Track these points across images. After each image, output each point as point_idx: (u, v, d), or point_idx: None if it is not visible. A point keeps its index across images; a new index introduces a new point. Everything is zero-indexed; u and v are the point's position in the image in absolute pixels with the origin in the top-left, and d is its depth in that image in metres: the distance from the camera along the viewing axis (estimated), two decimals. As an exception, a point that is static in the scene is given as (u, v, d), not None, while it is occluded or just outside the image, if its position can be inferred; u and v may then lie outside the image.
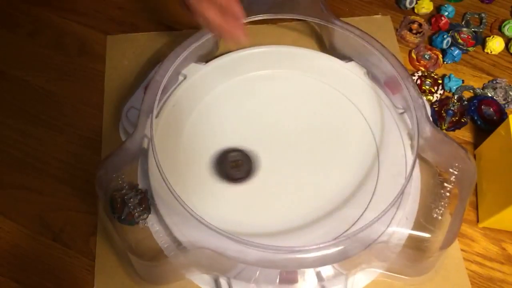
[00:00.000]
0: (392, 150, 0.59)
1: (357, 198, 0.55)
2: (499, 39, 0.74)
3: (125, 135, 0.63)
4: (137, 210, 0.52)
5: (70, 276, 0.57)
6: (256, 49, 0.67)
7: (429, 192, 0.55)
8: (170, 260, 0.51)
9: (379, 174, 0.57)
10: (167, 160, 0.56)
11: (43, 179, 0.63)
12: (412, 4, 0.79)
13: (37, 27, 0.76)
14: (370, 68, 0.65)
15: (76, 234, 0.59)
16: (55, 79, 0.71)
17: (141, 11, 0.78)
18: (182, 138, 0.59)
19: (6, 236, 0.59)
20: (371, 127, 0.61)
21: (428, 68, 0.72)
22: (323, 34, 0.73)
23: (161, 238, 0.53)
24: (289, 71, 0.66)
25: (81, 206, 0.61)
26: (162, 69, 0.58)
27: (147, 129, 0.57)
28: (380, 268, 0.55)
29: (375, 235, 0.51)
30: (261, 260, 0.48)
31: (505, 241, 0.60)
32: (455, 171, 0.54)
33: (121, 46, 0.74)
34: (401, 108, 0.62)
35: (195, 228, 0.49)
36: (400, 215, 0.53)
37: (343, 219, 0.53)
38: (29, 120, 0.67)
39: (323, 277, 0.52)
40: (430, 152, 0.57)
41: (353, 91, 0.64)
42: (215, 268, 0.53)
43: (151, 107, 0.56)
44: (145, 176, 0.56)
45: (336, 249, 0.48)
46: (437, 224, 0.52)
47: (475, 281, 0.57)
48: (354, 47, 0.64)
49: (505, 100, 0.70)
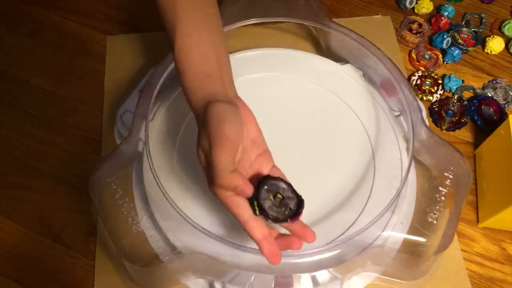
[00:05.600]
0: (388, 153, 0.58)
1: (352, 202, 0.55)
2: (499, 39, 0.74)
3: (120, 139, 0.63)
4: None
5: (70, 276, 0.57)
6: (252, 52, 0.67)
7: (424, 196, 0.55)
8: (165, 265, 0.51)
9: (375, 178, 0.56)
10: (162, 164, 0.56)
11: (43, 179, 0.63)
12: (412, 4, 0.79)
13: (37, 27, 0.76)
14: (367, 70, 0.65)
15: (76, 234, 0.59)
16: (55, 79, 0.71)
17: (141, 11, 0.78)
18: (177, 142, 0.59)
19: (6, 236, 0.59)
20: (366, 129, 0.60)
21: (428, 68, 0.72)
22: (319, 36, 0.73)
23: (156, 242, 0.52)
24: (284, 73, 0.65)
25: (81, 206, 0.61)
26: (157, 72, 0.58)
27: (142, 133, 0.56)
28: (376, 272, 0.55)
29: (370, 239, 0.51)
30: (256, 265, 0.48)
31: (505, 241, 0.60)
32: (450, 175, 0.54)
33: (121, 46, 0.74)
34: (397, 110, 0.62)
35: (190, 233, 0.48)
36: (395, 219, 0.53)
37: (338, 223, 0.53)
38: (29, 120, 0.67)
39: (318, 281, 0.52)
40: (426, 155, 0.57)
41: (349, 94, 0.63)
42: (210, 273, 0.53)
43: (146, 111, 0.55)
44: (140, 181, 0.56)
45: (331, 253, 0.48)
46: (432, 229, 0.51)
47: (475, 281, 0.57)
48: (350, 49, 0.64)
49: (505, 100, 0.70)
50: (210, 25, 0.47)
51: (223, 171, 0.39)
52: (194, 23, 0.46)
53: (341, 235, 0.52)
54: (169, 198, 0.48)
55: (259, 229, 0.41)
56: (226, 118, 0.41)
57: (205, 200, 0.55)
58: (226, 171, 0.39)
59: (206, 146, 0.41)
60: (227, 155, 0.40)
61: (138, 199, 0.54)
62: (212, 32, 0.47)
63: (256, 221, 0.42)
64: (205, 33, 0.46)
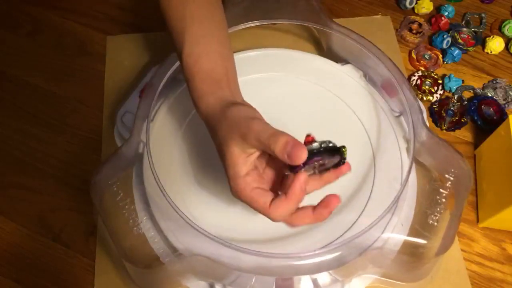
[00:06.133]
0: (388, 154, 0.58)
1: (352, 203, 0.55)
2: (499, 39, 0.74)
3: (120, 140, 0.63)
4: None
5: (70, 276, 0.57)
6: (252, 52, 0.67)
7: (424, 198, 0.54)
8: (166, 266, 0.51)
9: (375, 179, 0.56)
10: (162, 165, 0.55)
11: (43, 179, 0.63)
12: (412, 4, 0.79)
13: (37, 27, 0.76)
14: (367, 71, 0.65)
15: (76, 234, 0.59)
16: (55, 79, 0.71)
17: (141, 11, 0.78)
18: (177, 143, 0.59)
19: (6, 236, 0.59)
20: (367, 130, 0.60)
21: (428, 68, 0.72)
22: (321, 37, 0.73)
23: (156, 243, 0.52)
24: (285, 74, 0.65)
25: (81, 206, 0.61)
26: (158, 73, 0.58)
27: (142, 135, 0.56)
28: (376, 274, 0.55)
29: (370, 241, 0.51)
30: (257, 267, 0.48)
31: (505, 241, 0.60)
32: (451, 176, 0.54)
33: (121, 46, 0.74)
34: (397, 111, 0.62)
35: (190, 235, 0.48)
36: (395, 221, 0.53)
37: (338, 225, 0.53)
38: (29, 120, 0.67)
39: (319, 284, 0.52)
40: (426, 156, 0.57)
41: (349, 94, 0.63)
42: (211, 275, 0.53)
43: (147, 112, 0.55)
44: (140, 182, 0.55)
45: (331, 255, 0.48)
46: (433, 230, 0.51)
47: (475, 281, 0.57)
48: (351, 50, 0.64)
49: (505, 100, 0.70)
50: (218, 33, 0.48)
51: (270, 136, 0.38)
52: (203, 30, 0.47)
53: (341, 237, 0.51)
54: (169, 199, 0.48)
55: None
56: (256, 115, 0.42)
57: (206, 202, 0.55)
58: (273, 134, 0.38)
59: (239, 141, 0.40)
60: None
61: (138, 201, 0.54)
62: (220, 39, 0.48)
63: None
64: (214, 40, 0.47)
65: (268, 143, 0.38)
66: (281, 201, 0.39)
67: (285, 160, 0.38)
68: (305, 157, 0.37)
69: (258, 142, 0.39)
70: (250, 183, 0.40)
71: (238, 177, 0.40)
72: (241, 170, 0.40)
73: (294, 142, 0.38)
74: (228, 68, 0.47)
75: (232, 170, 0.41)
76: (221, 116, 0.42)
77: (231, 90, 0.45)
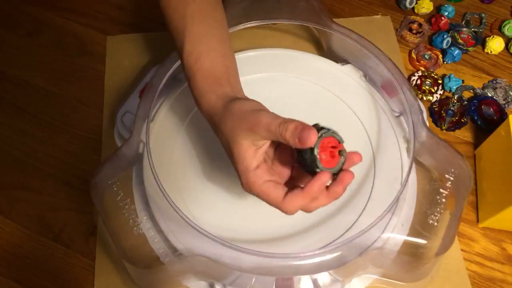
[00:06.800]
0: (388, 154, 0.58)
1: (353, 203, 0.55)
2: (499, 39, 0.74)
3: (120, 140, 0.63)
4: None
5: (70, 276, 0.57)
6: (252, 52, 0.67)
7: (425, 198, 0.54)
8: (166, 267, 0.51)
9: (375, 179, 0.56)
10: (162, 165, 0.56)
11: (43, 179, 0.63)
12: (412, 4, 0.79)
13: (37, 27, 0.76)
14: (367, 71, 0.65)
15: (76, 234, 0.59)
16: (55, 79, 0.71)
17: (141, 11, 0.78)
18: (178, 143, 0.59)
19: (6, 236, 0.59)
20: (367, 130, 0.60)
21: (428, 68, 0.72)
22: (321, 37, 0.73)
23: (156, 244, 0.52)
24: (285, 74, 0.65)
25: (81, 206, 0.61)
26: (158, 73, 0.58)
27: (142, 134, 0.56)
28: (376, 274, 0.55)
29: (369, 241, 0.51)
30: (257, 267, 0.48)
31: (505, 241, 0.60)
32: (451, 177, 0.54)
33: (121, 46, 0.74)
34: (397, 111, 0.62)
35: (190, 235, 0.48)
36: (395, 221, 0.53)
37: (338, 225, 0.53)
38: (29, 120, 0.67)
39: (319, 284, 0.52)
40: (426, 156, 0.57)
41: (349, 94, 0.63)
42: (211, 275, 0.53)
43: (147, 112, 0.55)
44: (140, 182, 0.55)
45: (331, 255, 0.48)
46: (433, 231, 0.51)
47: (475, 281, 0.57)
48: (351, 50, 0.64)
49: (505, 100, 0.70)
50: (219, 32, 0.48)
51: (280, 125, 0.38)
52: (204, 30, 0.47)
53: (341, 237, 0.51)
54: (169, 199, 0.48)
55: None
56: (261, 107, 0.42)
57: (206, 202, 0.55)
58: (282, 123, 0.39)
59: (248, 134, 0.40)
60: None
61: (138, 201, 0.54)
62: (221, 38, 0.48)
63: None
64: (214, 39, 0.47)
65: (279, 131, 0.38)
66: (296, 195, 0.39)
67: (297, 144, 0.38)
68: (315, 138, 0.37)
69: (268, 132, 0.39)
70: (261, 176, 0.40)
71: (249, 171, 0.40)
72: (252, 163, 0.40)
73: (303, 125, 0.38)
74: (228, 66, 0.47)
75: (242, 164, 0.40)
76: (224, 112, 0.42)
77: (232, 87, 0.45)
